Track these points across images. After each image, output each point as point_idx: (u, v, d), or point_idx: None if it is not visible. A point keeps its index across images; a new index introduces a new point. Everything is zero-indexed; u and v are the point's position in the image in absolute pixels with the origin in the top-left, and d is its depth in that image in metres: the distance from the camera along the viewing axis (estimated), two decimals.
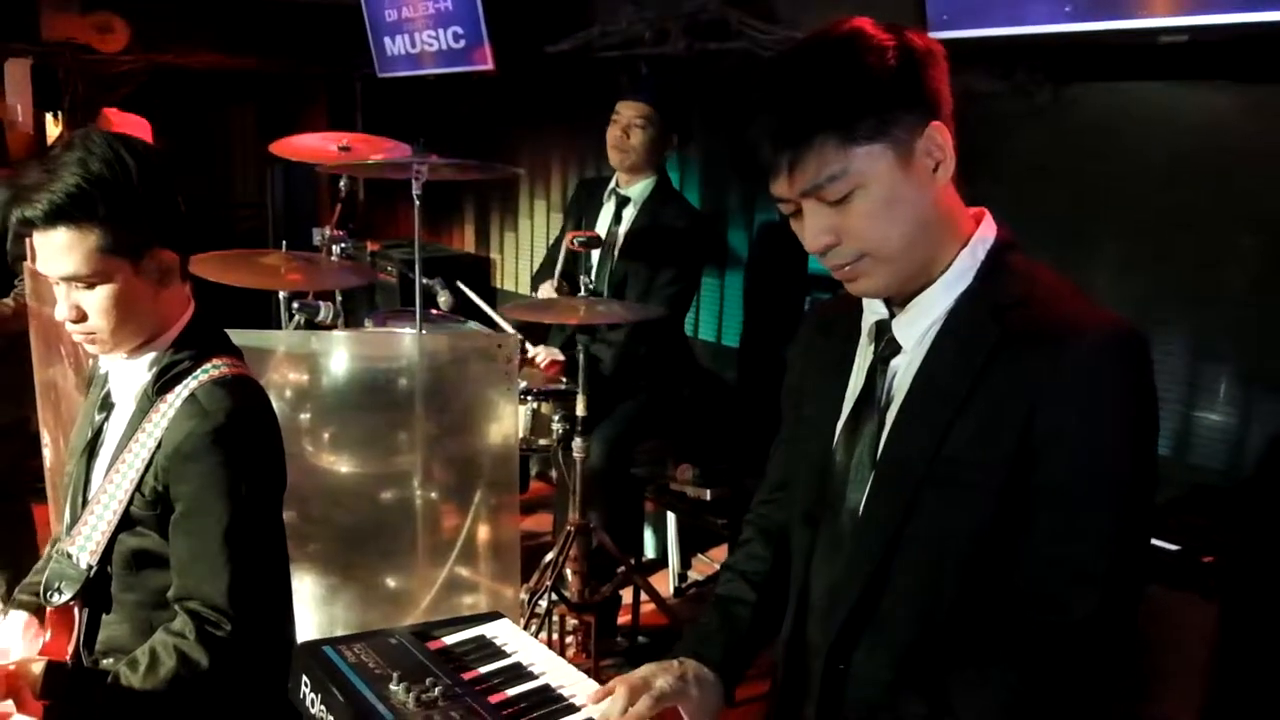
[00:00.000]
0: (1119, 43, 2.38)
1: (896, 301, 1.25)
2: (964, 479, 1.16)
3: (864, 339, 1.30)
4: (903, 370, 1.24)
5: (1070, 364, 1.11)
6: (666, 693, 1.29)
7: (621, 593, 3.21)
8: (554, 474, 3.51)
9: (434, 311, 3.23)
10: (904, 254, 1.18)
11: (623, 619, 3.27)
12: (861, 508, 1.24)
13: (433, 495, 2.59)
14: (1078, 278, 1.24)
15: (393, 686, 1.30)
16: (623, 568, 3.03)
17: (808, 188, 1.14)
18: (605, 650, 3.03)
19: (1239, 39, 2.19)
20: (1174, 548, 2.05)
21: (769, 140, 1.15)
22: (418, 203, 2.69)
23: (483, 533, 2.60)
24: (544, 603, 2.79)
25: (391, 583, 2.61)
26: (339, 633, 2.27)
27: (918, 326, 1.23)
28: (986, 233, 1.23)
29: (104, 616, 1.63)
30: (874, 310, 1.28)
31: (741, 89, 1.21)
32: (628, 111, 3.23)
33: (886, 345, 1.26)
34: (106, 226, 1.50)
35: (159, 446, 1.56)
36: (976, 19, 2.52)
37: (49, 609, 1.61)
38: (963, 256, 1.21)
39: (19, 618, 1.70)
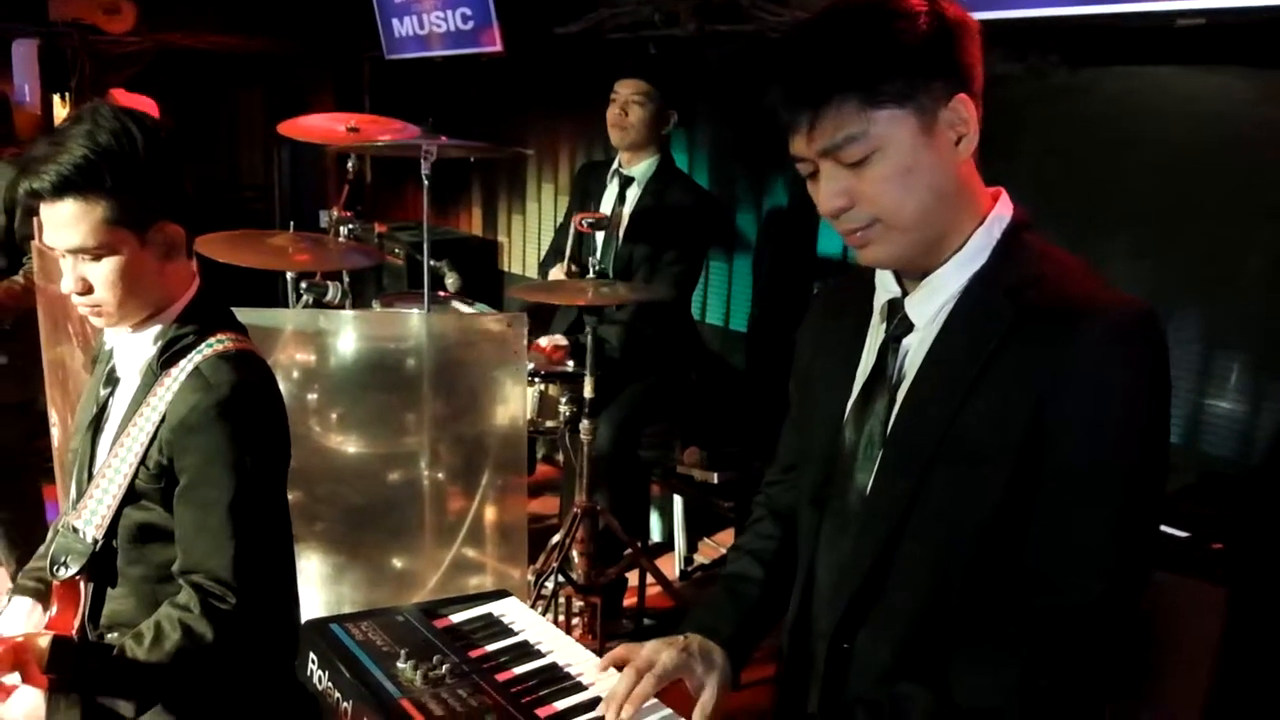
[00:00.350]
0: (1135, 25, 2.35)
1: (909, 279, 1.23)
2: (973, 460, 1.15)
3: (875, 318, 1.29)
4: (914, 349, 1.23)
5: (1082, 350, 1.09)
6: (669, 668, 1.29)
7: (628, 575, 3.21)
8: (561, 456, 3.51)
9: (441, 293, 3.22)
10: (918, 224, 1.16)
11: (629, 601, 3.27)
12: (869, 487, 1.23)
13: (440, 476, 2.59)
14: (1089, 262, 1.22)
15: (400, 664, 1.31)
16: (629, 550, 3.02)
17: (826, 146, 1.13)
18: (611, 632, 3.03)
19: (1256, 23, 2.16)
20: (1183, 534, 2.05)
21: (791, 97, 1.14)
22: (426, 184, 2.67)
23: (490, 514, 2.60)
24: (550, 584, 2.79)
25: (398, 563, 2.61)
26: (346, 612, 2.28)
27: (930, 305, 1.21)
28: (1003, 211, 1.22)
29: (109, 590, 1.63)
30: (886, 288, 1.27)
31: (765, 54, 1.20)
32: (625, 89, 3.23)
33: (899, 324, 1.24)
34: (113, 198, 1.50)
35: (163, 420, 1.56)
36: (991, 0, 2.50)
37: (55, 583, 1.61)
38: (978, 234, 1.19)
39: (22, 603, 1.71)
